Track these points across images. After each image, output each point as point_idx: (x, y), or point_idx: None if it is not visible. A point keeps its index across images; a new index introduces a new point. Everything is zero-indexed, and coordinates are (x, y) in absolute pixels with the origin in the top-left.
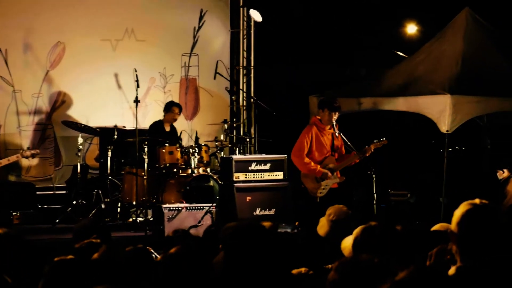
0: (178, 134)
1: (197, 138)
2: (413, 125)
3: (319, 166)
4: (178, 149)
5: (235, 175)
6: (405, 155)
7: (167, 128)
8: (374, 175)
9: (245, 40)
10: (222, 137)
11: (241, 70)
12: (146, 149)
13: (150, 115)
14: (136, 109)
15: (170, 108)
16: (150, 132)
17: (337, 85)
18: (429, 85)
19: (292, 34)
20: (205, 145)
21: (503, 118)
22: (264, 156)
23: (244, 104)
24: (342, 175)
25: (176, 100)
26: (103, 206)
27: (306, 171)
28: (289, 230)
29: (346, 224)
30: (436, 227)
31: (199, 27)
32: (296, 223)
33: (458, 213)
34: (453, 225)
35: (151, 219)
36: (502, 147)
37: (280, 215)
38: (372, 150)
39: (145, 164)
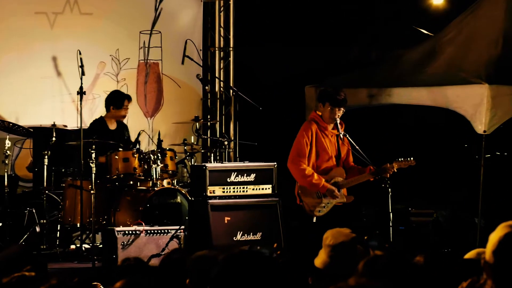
0: (136, 136)
1: (160, 141)
2: (440, 124)
3: (323, 180)
4: (136, 155)
5: (210, 188)
6: (430, 163)
7: (112, 126)
8: (390, 189)
9: (222, 14)
10: (192, 140)
11: (217, 52)
12: (93, 155)
13: (98, 110)
14: (81, 103)
15: (121, 102)
16: (92, 133)
17: (341, 71)
18: (461, 72)
19: (284, 6)
20: (170, 149)
21: None
22: (247, 164)
23: (222, 96)
24: (350, 192)
25: (133, 91)
26: (37, 229)
27: (306, 184)
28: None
29: (350, 252)
30: (469, 254)
31: None
32: (275, 245)
33: (494, 238)
34: (487, 254)
35: (100, 246)
36: None
37: (268, 241)
38: (395, 170)
39: (93, 175)
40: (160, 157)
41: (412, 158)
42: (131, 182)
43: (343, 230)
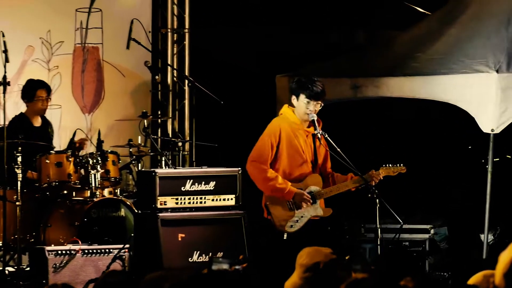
0: (71, 136)
1: (100, 142)
2: (439, 122)
3: (289, 184)
4: (71, 159)
5: (160, 199)
6: (426, 169)
7: (36, 123)
8: (377, 200)
9: None
10: (139, 140)
11: (169, 35)
12: (19, 159)
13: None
14: (4, 96)
15: (33, 93)
16: (15, 132)
17: (319, 57)
18: (464, 58)
19: None
20: (112, 152)
21: None
22: (206, 169)
23: (176, 88)
24: (328, 204)
25: (68, 81)
26: None
27: (268, 191)
28: (225, 267)
29: (327, 276)
30: (475, 278)
31: None
32: (241, 257)
33: (505, 258)
34: (497, 277)
35: (28, 268)
36: None
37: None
38: (381, 178)
39: (18, 183)
40: (100, 162)
41: (402, 164)
42: (65, 192)
43: (323, 249)
